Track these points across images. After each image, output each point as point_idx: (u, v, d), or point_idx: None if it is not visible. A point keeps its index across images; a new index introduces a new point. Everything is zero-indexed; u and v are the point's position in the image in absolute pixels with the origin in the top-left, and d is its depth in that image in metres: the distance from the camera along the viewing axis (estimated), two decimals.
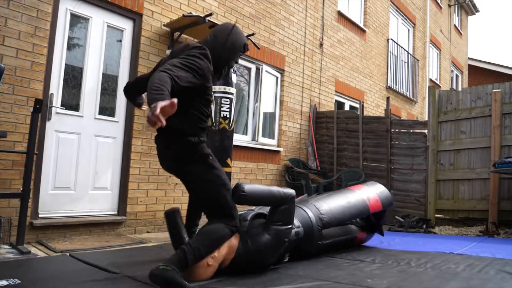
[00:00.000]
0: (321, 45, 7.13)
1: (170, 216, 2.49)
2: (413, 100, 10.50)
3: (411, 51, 10.71)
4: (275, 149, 6.06)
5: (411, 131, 5.95)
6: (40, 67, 3.54)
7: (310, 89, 6.82)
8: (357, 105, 8.17)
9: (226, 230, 2.33)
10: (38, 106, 3.06)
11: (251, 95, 5.94)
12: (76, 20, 3.96)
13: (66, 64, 3.82)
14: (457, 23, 14.29)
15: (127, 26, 4.30)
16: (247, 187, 2.42)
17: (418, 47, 10.97)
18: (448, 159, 5.57)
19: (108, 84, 4.18)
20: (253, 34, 4.86)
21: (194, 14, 4.27)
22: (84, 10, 3.95)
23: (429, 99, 5.80)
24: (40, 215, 3.57)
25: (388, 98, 6.43)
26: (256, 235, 2.46)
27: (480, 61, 16.14)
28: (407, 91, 10.24)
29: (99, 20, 4.08)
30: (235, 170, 5.31)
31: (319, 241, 3.02)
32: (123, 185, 4.16)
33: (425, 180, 5.64)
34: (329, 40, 7.36)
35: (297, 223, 2.86)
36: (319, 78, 7.05)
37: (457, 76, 14.50)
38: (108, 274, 2.43)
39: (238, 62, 2.72)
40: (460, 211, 5.42)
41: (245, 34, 4.78)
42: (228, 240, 2.36)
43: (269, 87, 6.12)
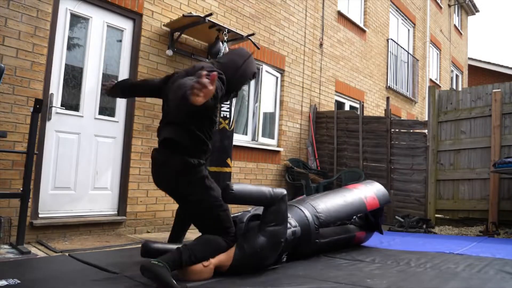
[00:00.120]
0: (321, 45, 7.12)
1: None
2: (413, 100, 10.50)
3: (411, 51, 10.71)
4: (275, 149, 6.06)
5: (411, 131, 5.95)
6: (40, 67, 3.54)
7: (310, 89, 6.82)
8: (357, 105, 8.17)
9: (223, 243, 2.40)
10: (38, 106, 3.06)
11: (251, 95, 5.95)
12: (76, 20, 3.96)
13: (66, 64, 3.82)
14: (457, 23, 14.29)
15: (127, 26, 4.30)
16: (236, 186, 2.44)
17: (418, 47, 10.97)
18: (448, 159, 5.57)
19: None
20: (253, 34, 4.87)
21: (194, 14, 4.27)
22: (84, 10, 3.95)
23: (429, 99, 5.80)
24: (40, 215, 3.57)
25: (388, 98, 6.42)
26: (251, 238, 2.47)
27: (480, 61, 16.14)
28: (407, 91, 10.23)
29: (99, 20, 4.08)
30: (235, 170, 5.31)
31: (317, 239, 3.02)
32: (123, 185, 4.16)
33: (425, 180, 5.64)
34: (329, 40, 7.36)
35: (294, 222, 2.87)
36: (319, 78, 7.04)
37: (457, 76, 14.50)
38: (108, 274, 2.43)
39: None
40: (460, 211, 5.43)
41: (245, 34, 4.84)
42: (224, 251, 2.41)
43: (269, 87, 6.13)
